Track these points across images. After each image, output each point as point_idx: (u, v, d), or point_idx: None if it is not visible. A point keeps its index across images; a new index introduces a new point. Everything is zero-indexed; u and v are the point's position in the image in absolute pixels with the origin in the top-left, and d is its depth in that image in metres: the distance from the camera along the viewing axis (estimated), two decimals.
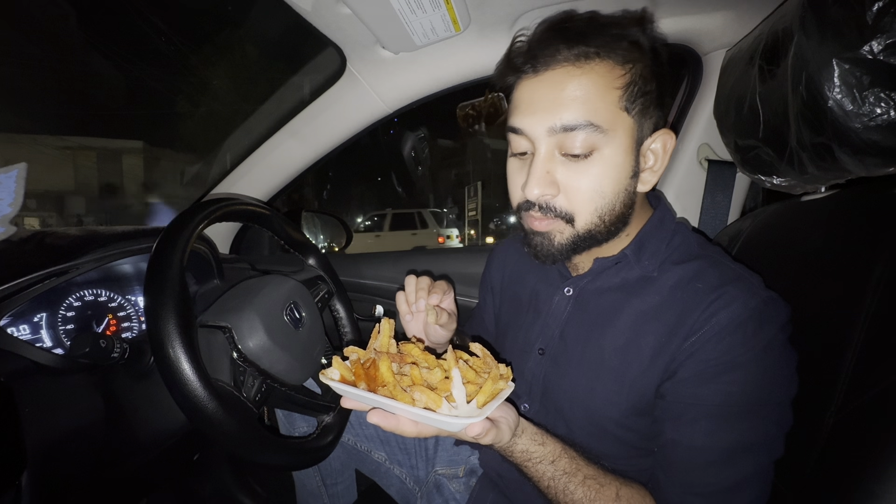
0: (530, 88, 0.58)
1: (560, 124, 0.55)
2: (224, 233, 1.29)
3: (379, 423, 0.48)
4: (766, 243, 0.72)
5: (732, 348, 0.52)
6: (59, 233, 0.74)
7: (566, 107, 0.55)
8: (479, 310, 0.92)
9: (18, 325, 0.70)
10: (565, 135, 0.55)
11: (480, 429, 0.46)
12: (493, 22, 0.88)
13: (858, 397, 0.47)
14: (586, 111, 0.54)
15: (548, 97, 0.56)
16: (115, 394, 0.66)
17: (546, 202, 0.58)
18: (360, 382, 0.49)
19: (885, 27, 0.46)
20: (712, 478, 0.53)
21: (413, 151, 1.72)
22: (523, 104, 0.58)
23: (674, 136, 0.63)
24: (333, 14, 0.82)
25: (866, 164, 0.54)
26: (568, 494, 0.55)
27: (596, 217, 0.58)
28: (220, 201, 0.68)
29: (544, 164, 0.57)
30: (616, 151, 0.56)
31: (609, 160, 0.56)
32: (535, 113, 0.56)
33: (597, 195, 0.57)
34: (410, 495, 0.90)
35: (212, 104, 13.27)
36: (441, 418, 0.44)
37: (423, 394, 0.45)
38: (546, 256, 0.62)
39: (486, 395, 0.47)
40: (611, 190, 0.57)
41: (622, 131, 0.56)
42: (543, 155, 0.57)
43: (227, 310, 0.65)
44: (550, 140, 0.56)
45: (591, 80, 0.55)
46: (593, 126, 0.54)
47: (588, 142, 0.55)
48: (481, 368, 0.52)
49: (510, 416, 0.53)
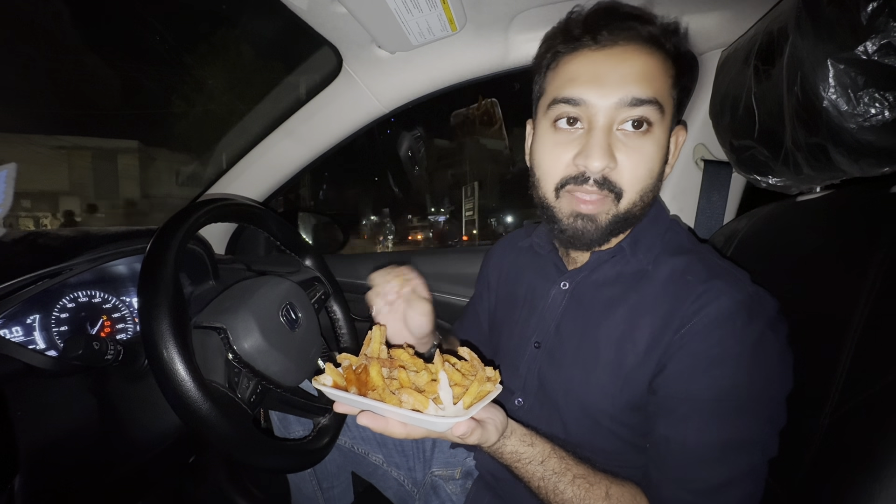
0: (592, 60, 0.58)
1: (630, 97, 0.56)
2: (219, 233, 1.28)
3: (368, 425, 0.49)
4: (761, 243, 0.72)
5: (722, 341, 0.53)
6: (52, 234, 0.73)
7: (637, 81, 0.56)
8: (472, 304, 0.92)
9: (11, 326, 0.70)
10: (630, 109, 0.56)
11: (466, 428, 0.47)
12: (490, 21, 0.88)
13: (854, 397, 0.47)
14: (654, 87, 0.57)
15: (617, 70, 0.57)
16: (109, 396, 0.66)
17: (605, 175, 0.58)
18: (352, 387, 0.50)
19: (879, 27, 0.46)
20: (705, 474, 0.53)
21: (410, 151, 1.72)
22: (585, 75, 0.58)
23: (685, 132, 0.65)
24: (329, 13, 0.82)
25: (861, 165, 0.54)
26: (558, 494, 0.55)
27: (638, 197, 0.59)
28: (216, 201, 0.67)
29: (606, 137, 0.57)
30: (664, 134, 0.59)
31: (659, 141, 0.58)
32: (604, 85, 0.57)
33: (647, 174, 0.58)
34: (408, 497, 0.90)
35: (207, 104, 13.21)
36: (427, 419, 0.45)
37: (411, 396, 0.47)
38: (587, 242, 0.61)
39: (472, 397, 0.48)
40: (657, 171, 0.59)
41: (669, 116, 0.59)
42: (605, 126, 0.57)
43: (222, 311, 0.65)
44: (615, 113, 0.57)
45: (656, 61, 0.58)
46: (657, 104, 0.56)
47: (648, 119, 0.57)
48: (468, 371, 0.53)
49: (497, 418, 0.53)
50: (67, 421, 0.60)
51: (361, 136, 1.15)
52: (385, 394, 0.48)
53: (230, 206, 0.70)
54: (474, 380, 0.50)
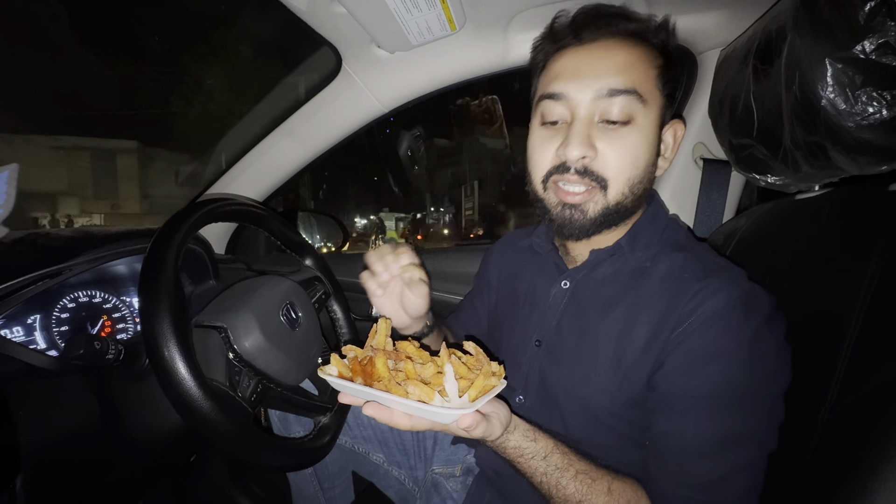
0: (574, 57, 0.60)
1: (607, 88, 0.57)
2: (219, 233, 1.28)
3: (374, 416, 0.49)
4: (760, 241, 0.73)
5: (719, 337, 0.53)
6: (52, 234, 0.73)
7: (614, 73, 0.57)
8: (469, 299, 0.93)
9: (12, 326, 0.70)
10: (610, 100, 0.57)
11: (471, 420, 0.47)
12: (489, 21, 0.88)
13: (853, 393, 0.48)
14: (632, 79, 0.57)
15: (595, 64, 0.58)
16: (110, 396, 0.66)
17: (585, 165, 0.59)
18: (357, 378, 0.50)
19: (877, 27, 0.47)
20: (703, 469, 0.53)
21: (409, 151, 1.71)
22: (567, 71, 0.60)
23: (684, 127, 0.66)
24: (328, 13, 0.82)
25: (859, 163, 0.54)
26: (560, 489, 0.56)
27: (626, 188, 0.60)
28: (216, 201, 0.67)
29: (586, 127, 0.58)
30: (650, 125, 0.59)
31: (644, 131, 0.59)
32: (582, 78, 0.58)
33: (632, 164, 0.59)
34: (409, 496, 0.90)
35: (207, 104, 13.19)
36: (433, 409, 0.45)
37: (417, 387, 0.47)
38: (575, 231, 0.62)
39: (477, 391, 0.48)
40: (643, 161, 0.60)
41: (656, 107, 0.60)
42: (585, 118, 0.59)
43: (222, 310, 0.65)
44: (593, 106, 0.58)
45: (637, 54, 0.59)
46: (637, 94, 0.57)
47: (629, 109, 0.57)
48: (474, 366, 0.53)
49: (501, 412, 0.54)
50: (69, 420, 0.61)
51: (361, 136, 1.15)
52: (391, 385, 0.48)
53: (230, 206, 0.70)
54: (480, 374, 0.50)
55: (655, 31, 0.62)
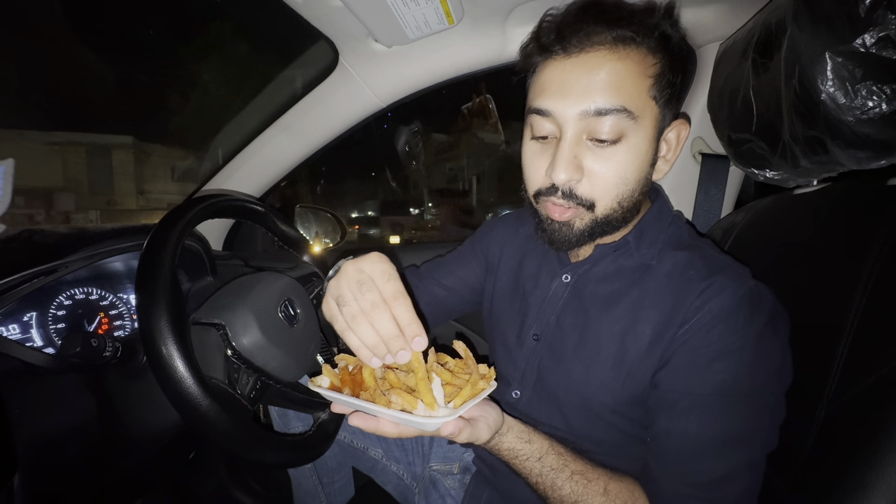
0: (561, 70, 0.57)
1: (594, 108, 0.54)
2: (217, 229, 1.27)
3: (360, 426, 0.49)
4: (759, 236, 0.73)
5: (724, 336, 0.53)
6: (48, 231, 0.73)
7: (601, 91, 0.54)
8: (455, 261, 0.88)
9: (7, 324, 0.69)
10: (597, 119, 0.55)
11: (453, 427, 0.48)
12: (487, 15, 0.87)
13: (851, 388, 0.48)
14: (620, 97, 0.54)
15: (581, 80, 0.55)
16: (107, 393, 0.65)
17: (571, 188, 0.58)
18: (346, 388, 0.51)
19: (877, 20, 0.46)
20: (705, 468, 0.53)
21: (407, 146, 1.69)
22: (553, 86, 0.57)
23: (688, 125, 0.64)
24: (325, 7, 0.81)
25: (858, 158, 0.54)
26: (556, 490, 0.56)
27: (616, 203, 0.59)
28: (212, 197, 0.67)
29: (572, 149, 0.56)
30: (642, 139, 0.57)
31: (635, 148, 0.57)
32: (568, 96, 0.55)
33: (620, 182, 0.57)
34: (408, 491, 0.91)
35: (202, 99, 13.12)
36: (414, 419, 0.45)
37: (400, 396, 0.47)
38: (563, 243, 0.62)
39: (463, 398, 0.49)
40: (633, 177, 0.58)
41: (649, 119, 0.57)
42: (571, 139, 0.56)
43: (220, 307, 0.65)
44: (580, 124, 0.56)
45: (626, 65, 0.55)
46: (626, 112, 0.54)
47: (618, 127, 0.55)
48: (461, 370, 0.53)
49: (490, 416, 0.54)
50: (66, 418, 0.60)
51: (359, 131, 1.15)
52: (376, 394, 0.49)
53: (227, 202, 0.69)
54: (468, 382, 0.50)
55: (653, 27, 0.56)
